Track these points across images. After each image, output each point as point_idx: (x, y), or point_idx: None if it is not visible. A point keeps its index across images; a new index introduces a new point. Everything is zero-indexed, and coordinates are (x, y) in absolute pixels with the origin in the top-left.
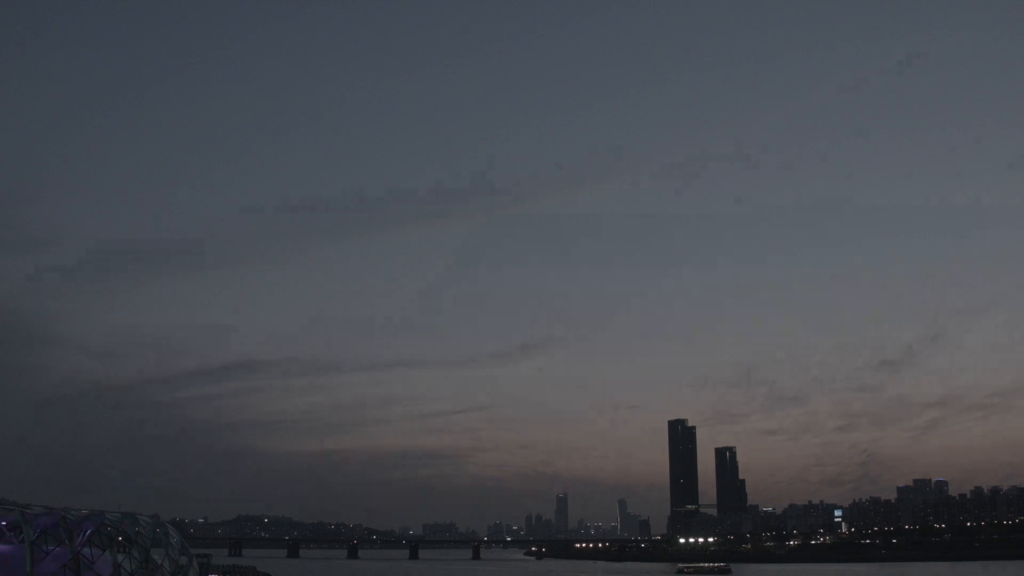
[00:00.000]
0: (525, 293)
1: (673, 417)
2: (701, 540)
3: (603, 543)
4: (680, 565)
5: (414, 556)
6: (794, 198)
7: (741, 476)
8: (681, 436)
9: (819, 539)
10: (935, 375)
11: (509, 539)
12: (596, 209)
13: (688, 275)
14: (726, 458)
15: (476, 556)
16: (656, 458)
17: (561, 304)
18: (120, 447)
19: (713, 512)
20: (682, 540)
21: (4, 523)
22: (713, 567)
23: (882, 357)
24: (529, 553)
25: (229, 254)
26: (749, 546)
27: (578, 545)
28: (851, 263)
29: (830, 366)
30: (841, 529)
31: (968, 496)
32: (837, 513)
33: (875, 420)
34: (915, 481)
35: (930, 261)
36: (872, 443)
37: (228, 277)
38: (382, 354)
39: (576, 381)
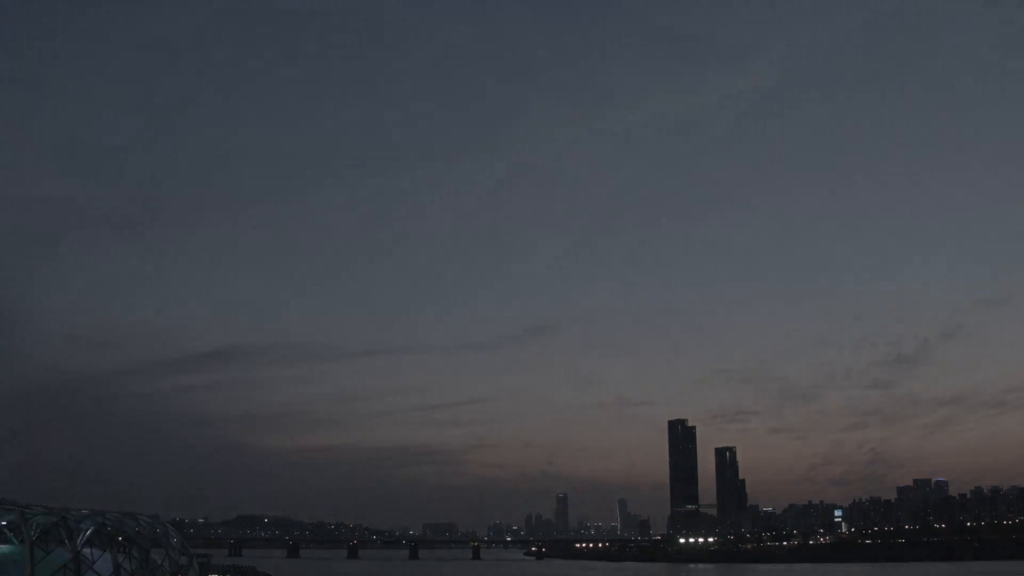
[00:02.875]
0: (529, 281)
1: (681, 415)
2: (701, 540)
3: (603, 543)
4: None
5: (414, 556)
6: (806, 188)
7: (744, 476)
8: (681, 436)
9: (819, 539)
10: (950, 371)
11: (509, 539)
12: (604, 200)
13: (698, 268)
14: (726, 458)
15: (476, 556)
16: (658, 458)
17: (566, 295)
18: (109, 442)
19: (713, 512)
20: (682, 540)
21: (4, 523)
22: None
23: (898, 352)
24: (529, 553)
25: (208, 232)
26: (749, 546)
27: (578, 545)
28: (867, 255)
29: (844, 362)
30: (841, 529)
31: (968, 496)
32: (837, 513)
33: (886, 418)
34: (915, 481)
35: (949, 254)
36: (881, 442)
37: (207, 258)
38: (374, 339)
39: (581, 376)
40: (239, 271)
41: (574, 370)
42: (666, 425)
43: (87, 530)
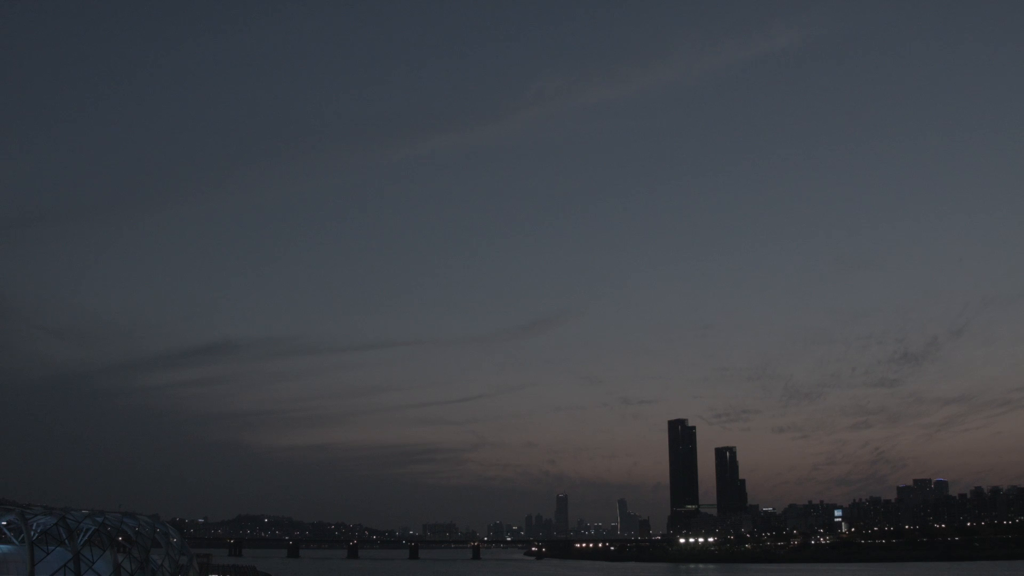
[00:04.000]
0: (530, 279)
1: (682, 415)
2: (701, 540)
3: (603, 543)
4: None
5: (414, 556)
6: (813, 183)
7: (744, 476)
8: (681, 436)
9: (819, 539)
10: (956, 370)
11: (509, 539)
12: (607, 196)
13: (704, 264)
14: (726, 458)
15: (476, 556)
16: (658, 458)
17: (567, 294)
18: (103, 440)
19: (713, 512)
20: (682, 540)
21: (4, 523)
22: None
23: (904, 350)
24: (529, 553)
25: (204, 227)
26: (749, 546)
27: (578, 545)
28: (876, 251)
29: (850, 360)
30: (841, 529)
31: (968, 496)
32: (837, 513)
33: (890, 417)
34: (915, 481)
35: (958, 251)
36: (885, 441)
37: (203, 252)
38: (375, 336)
39: (582, 375)
40: (236, 265)
41: (575, 369)
42: (666, 425)
43: (87, 530)
